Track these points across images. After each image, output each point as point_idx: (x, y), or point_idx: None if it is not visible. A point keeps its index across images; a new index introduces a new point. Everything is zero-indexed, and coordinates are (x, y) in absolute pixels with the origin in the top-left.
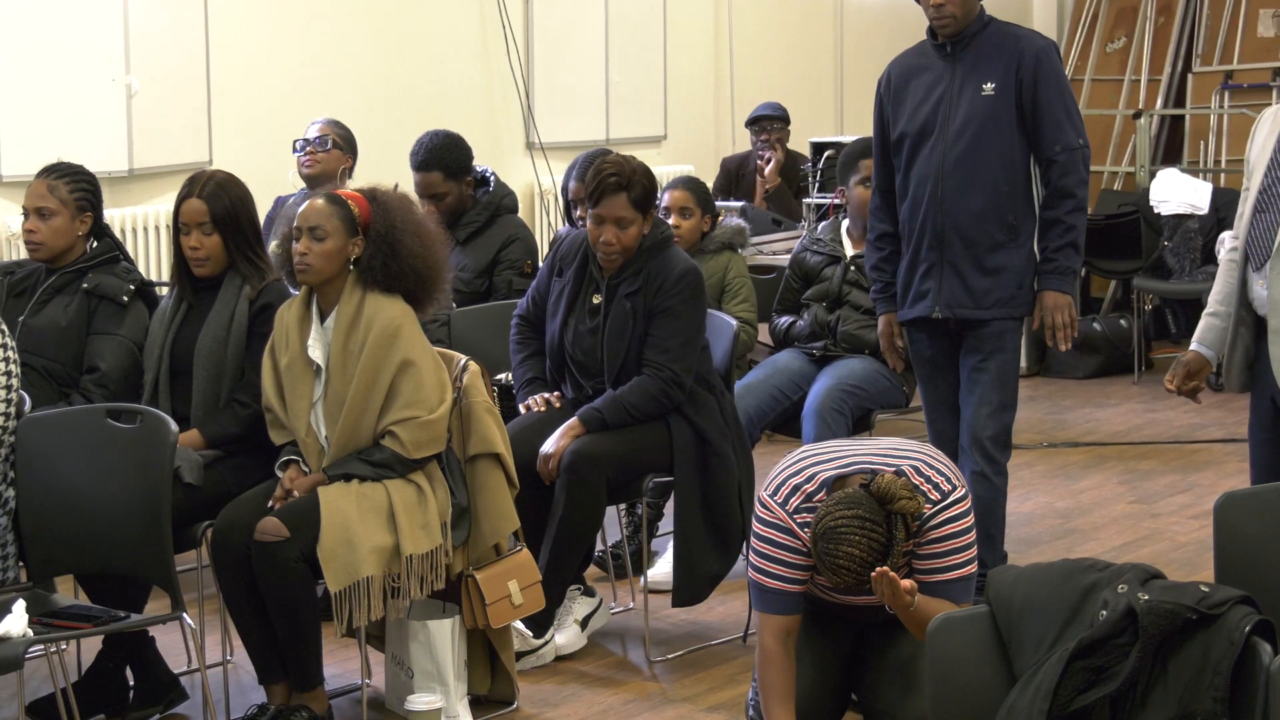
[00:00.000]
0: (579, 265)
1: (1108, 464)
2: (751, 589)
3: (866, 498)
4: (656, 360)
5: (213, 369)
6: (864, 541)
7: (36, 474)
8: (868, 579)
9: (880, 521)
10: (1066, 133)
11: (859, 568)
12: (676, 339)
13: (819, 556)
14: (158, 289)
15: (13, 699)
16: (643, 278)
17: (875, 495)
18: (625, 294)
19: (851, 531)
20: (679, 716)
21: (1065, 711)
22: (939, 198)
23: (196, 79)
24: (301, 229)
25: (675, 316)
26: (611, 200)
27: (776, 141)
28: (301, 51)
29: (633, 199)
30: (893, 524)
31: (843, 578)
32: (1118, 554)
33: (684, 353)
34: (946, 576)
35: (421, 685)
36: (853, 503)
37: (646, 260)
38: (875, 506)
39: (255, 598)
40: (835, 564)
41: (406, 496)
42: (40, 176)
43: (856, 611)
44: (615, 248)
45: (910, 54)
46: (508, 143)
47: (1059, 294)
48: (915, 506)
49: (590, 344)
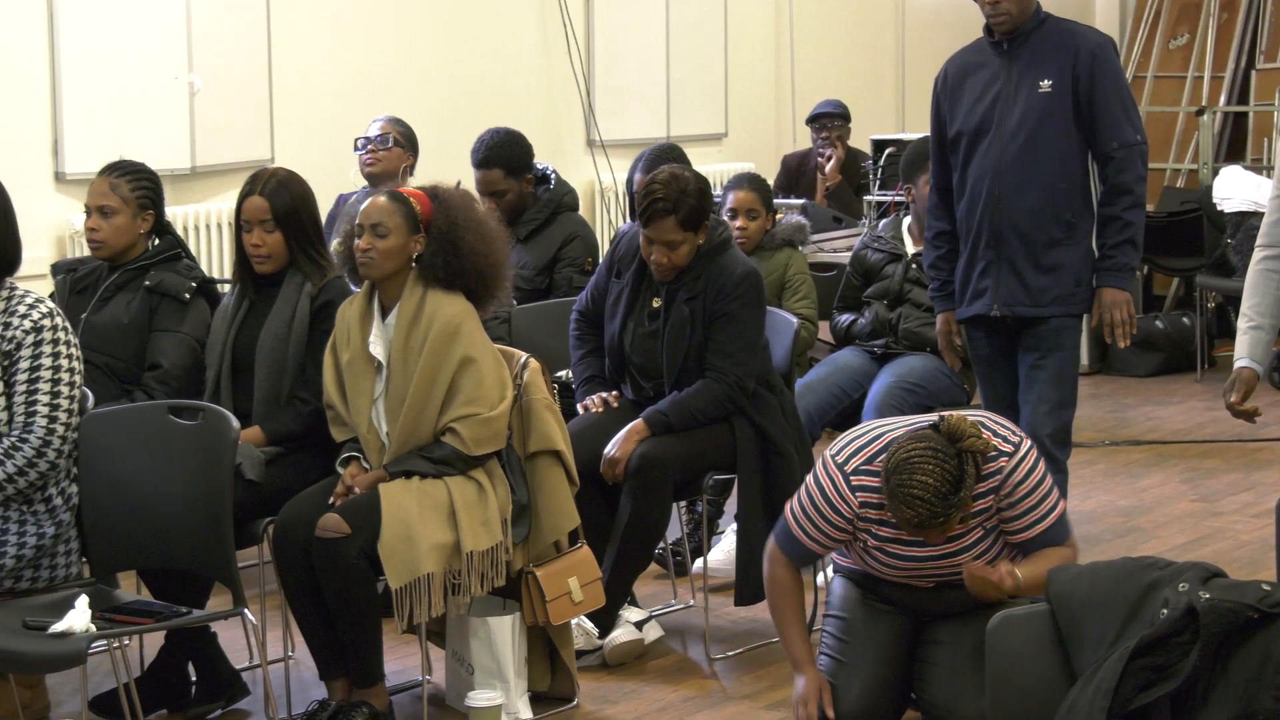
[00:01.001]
0: (637, 268)
1: (1170, 462)
2: (780, 526)
3: (937, 435)
4: (719, 365)
5: (274, 366)
6: (937, 470)
7: (99, 470)
8: (940, 513)
9: (951, 455)
10: (1124, 129)
11: (933, 498)
12: (738, 343)
13: (892, 493)
14: (220, 286)
15: (76, 694)
16: (702, 282)
17: (945, 433)
18: (685, 298)
19: (925, 461)
20: (738, 714)
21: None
22: (996, 195)
23: (259, 76)
24: (364, 226)
25: (736, 320)
26: (660, 224)
27: (837, 139)
28: (363, 49)
29: (680, 220)
30: (963, 460)
31: (916, 510)
32: (1179, 552)
33: (746, 356)
34: (1045, 524)
35: (482, 682)
36: (924, 438)
37: (705, 264)
38: (946, 442)
39: (316, 594)
40: (910, 495)
41: (467, 493)
42: (102, 175)
43: (920, 597)
44: (666, 266)
45: (966, 51)
46: (568, 140)
47: (1117, 290)
48: (984, 445)
49: (650, 347)
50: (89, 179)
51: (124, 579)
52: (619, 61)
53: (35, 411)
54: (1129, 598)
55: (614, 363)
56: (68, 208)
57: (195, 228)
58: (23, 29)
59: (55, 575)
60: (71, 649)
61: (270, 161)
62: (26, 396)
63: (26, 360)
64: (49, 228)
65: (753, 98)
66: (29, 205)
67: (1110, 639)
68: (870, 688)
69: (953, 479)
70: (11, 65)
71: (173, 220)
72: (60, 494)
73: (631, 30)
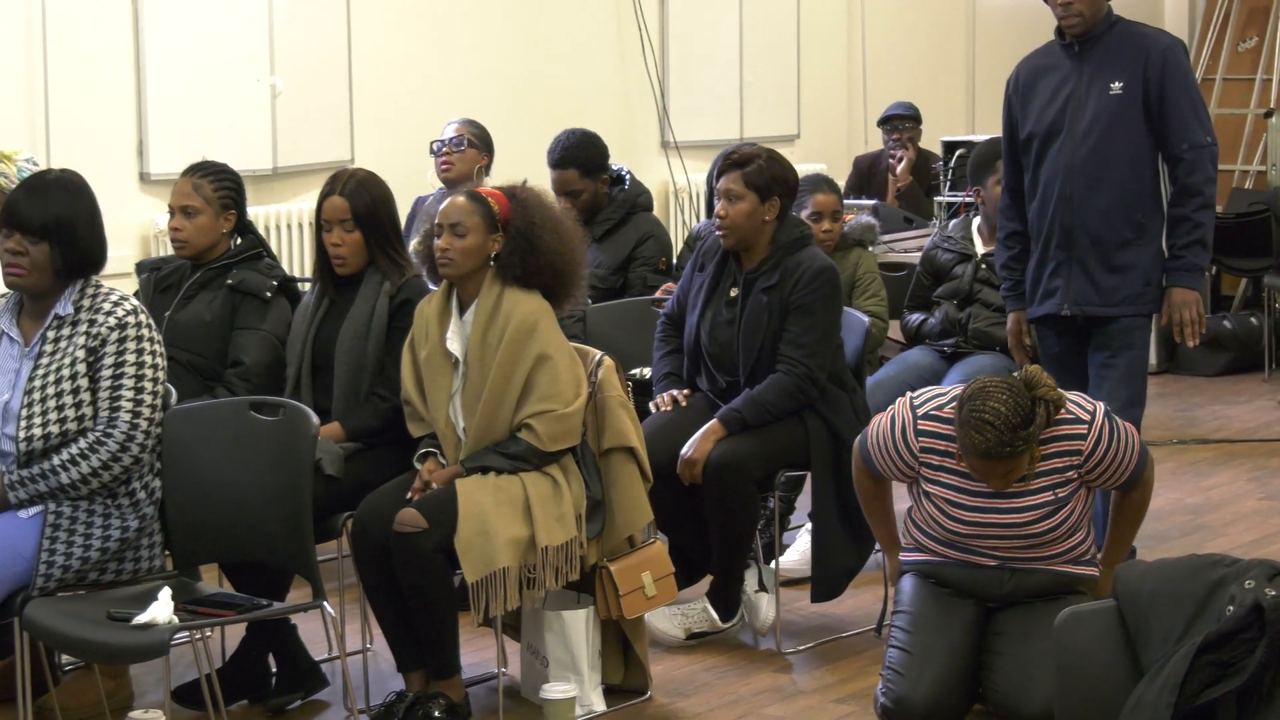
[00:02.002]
0: (719, 259)
1: (1237, 461)
2: (862, 437)
3: (1014, 378)
4: (792, 356)
5: (353, 363)
6: (1010, 401)
7: (182, 465)
8: (1009, 444)
9: (1026, 395)
10: (1194, 130)
11: (1003, 425)
12: (812, 335)
13: (964, 420)
14: (300, 285)
15: (158, 684)
16: (779, 273)
17: (1023, 379)
18: (762, 288)
19: (1000, 391)
20: (808, 707)
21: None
22: (1067, 196)
23: (339, 79)
24: (443, 225)
25: (810, 313)
26: (728, 175)
27: (908, 140)
28: (441, 51)
29: (746, 176)
30: (1037, 404)
31: (985, 434)
32: (1247, 550)
33: (819, 349)
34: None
35: (556, 674)
36: (1002, 377)
37: (784, 256)
38: (1022, 386)
39: (394, 587)
40: (981, 419)
41: (542, 489)
42: (185, 175)
43: (985, 578)
44: (726, 221)
45: (1038, 54)
46: (643, 141)
47: (1186, 290)
48: (1057, 396)
49: (726, 336)
50: (173, 179)
51: (206, 572)
52: (693, 63)
53: (119, 407)
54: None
55: (691, 355)
56: (152, 208)
57: (276, 227)
58: (109, 33)
59: (139, 568)
60: (154, 640)
61: (350, 162)
62: (111, 392)
63: (111, 357)
64: (134, 227)
65: (825, 99)
66: (114, 205)
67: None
68: (940, 678)
69: (1024, 413)
70: (98, 68)
71: (254, 220)
72: (144, 488)
73: (705, 32)
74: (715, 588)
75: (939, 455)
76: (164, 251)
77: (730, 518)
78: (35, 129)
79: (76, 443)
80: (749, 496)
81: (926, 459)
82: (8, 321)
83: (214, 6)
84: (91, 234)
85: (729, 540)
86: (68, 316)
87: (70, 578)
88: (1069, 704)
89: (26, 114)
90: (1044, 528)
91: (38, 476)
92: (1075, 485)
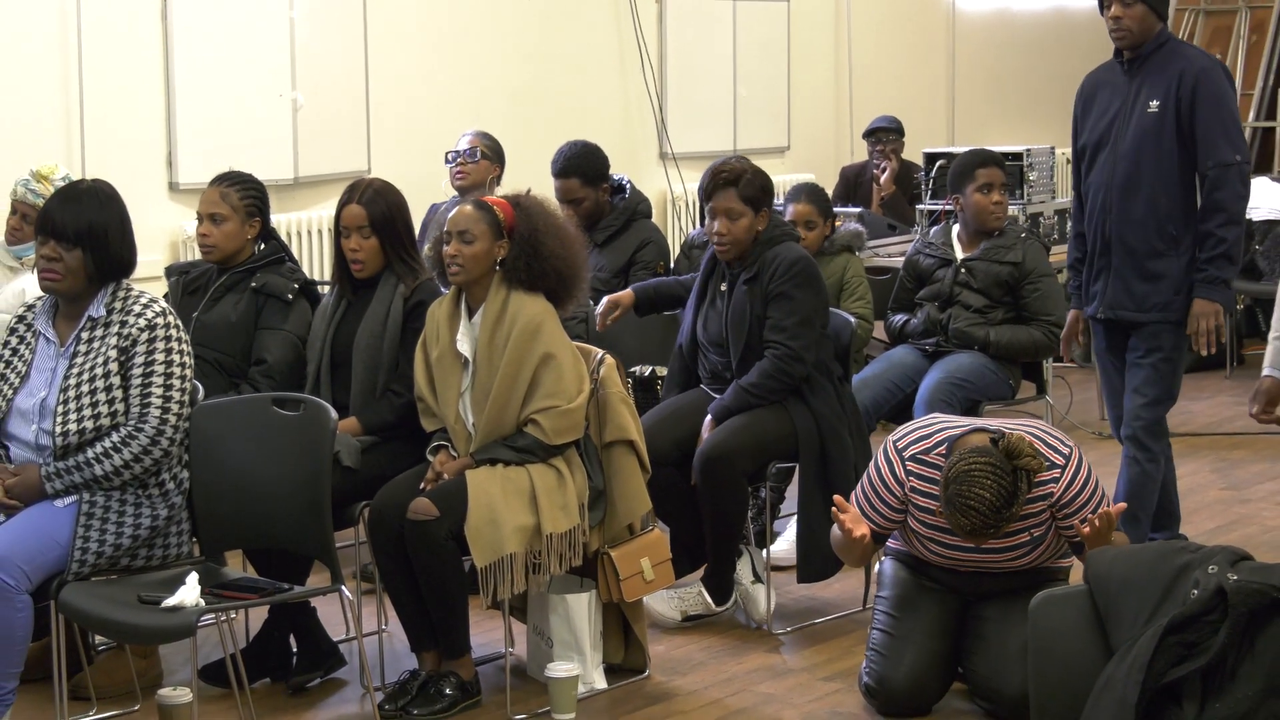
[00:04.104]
0: (709, 261)
1: (1201, 453)
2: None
3: (996, 451)
4: (774, 339)
5: (370, 361)
6: (994, 485)
7: (209, 458)
8: (992, 524)
9: (1008, 472)
10: (1220, 149)
11: (987, 510)
12: (792, 318)
13: (950, 500)
14: (320, 287)
15: (186, 663)
16: (758, 266)
17: (1004, 450)
18: (745, 279)
19: (984, 475)
20: (797, 685)
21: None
22: (1108, 206)
23: (356, 94)
24: (452, 233)
25: (789, 299)
26: (722, 194)
27: (892, 152)
28: (451, 67)
29: (740, 192)
30: (1018, 477)
31: (971, 519)
32: (1209, 537)
33: (800, 331)
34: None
35: (560, 654)
36: (984, 453)
37: (763, 250)
38: (1004, 459)
39: (408, 572)
40: (966, 505)
41: (547, 480)
42: (213, 184)
43: (964, 580)
44: (726, 238)
45: (1102, 68)
46: (642, 153)
47: (1206, 301)
48: (1038, 464)
49: (716, 326)
50: (201, 188)
51: (231, 558)
52: (689, 79)
53: (150, 403)
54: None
55: (689, 347)
56: (181, 215)
57: (298, 233)
58: (140, 51)
59: (168, 554)
60: (182, 622)
61: (367, 172)
62: (141, 389)
63: (141, 356)
64: (163, 233)
65: (813, 113)
66: (145, 212)
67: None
68: (919, 660)
69: (1007, 494)
70: (129, 84)
71: (277, 227)
72: (173, 479)
73: (701, 50)
74: (709, 573)
75: (924, 496)
76: (192, 256)
77: (721, 507)
78: (71, 142)
79: (109, 437)
80: (738, 487)
81: (914, 499)
82: (44, 323)
83: (239, 26)
84: (122, 240)
85: (720, 528)
86: (100, 318)
87: (103, 563)
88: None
89: (63, 128)
90: (1022, 563)
91: (73, 468)
92: (1049, 524)
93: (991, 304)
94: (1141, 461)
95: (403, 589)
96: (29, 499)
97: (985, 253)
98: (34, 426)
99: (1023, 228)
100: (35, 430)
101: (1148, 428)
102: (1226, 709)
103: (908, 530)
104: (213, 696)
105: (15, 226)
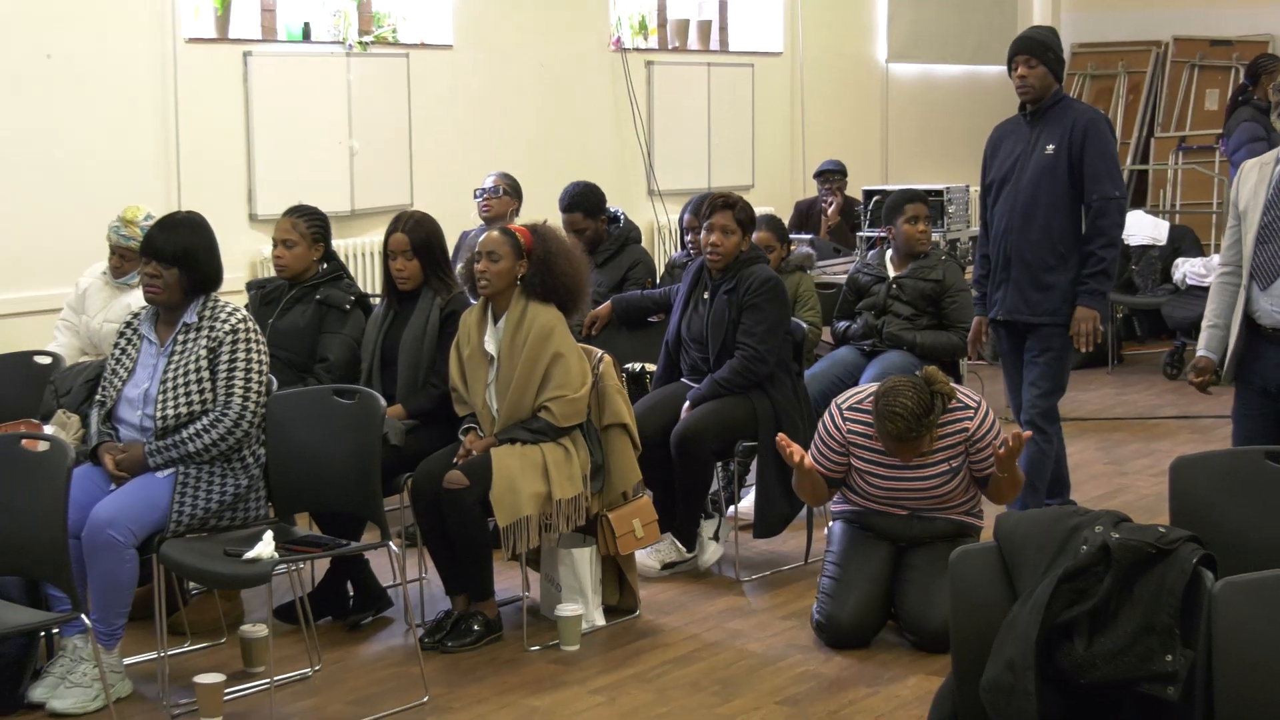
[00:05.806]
0: (694, 274)
1: (1087, 435)
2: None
3: (917, 377)
4: (743, 342)
5: (413, 359)
6: (914, 396)
7: (281, 437)
8: (914, 430)
9: (926, 390)
10: (1104, 184)
11: (909, 415)
12: (760, 326)
13: (880, 411)
14: (372, 299)
15: (263, 605)
16: (736, 280)
17: (923, 376)
18: (724, 290)
19: (906, 389)
20: (761, 623)
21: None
22: (1010, 229)
23: (401, 142)
24: (481, 253)
25: (760, 310)
26: (720, 213)
27: (837, 189)
28: (480, 120)
29: (735, 215)
30: (935, 396)
31: (896, 424)
32: (1095, 503)
33: (766, 336)
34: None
35: (567, 597)
36: (908, 377)
37: (741, 267)
38: (923, 382)
39: (443, 530)
40: (891, 411)
41: (557, 455)
42: (285, 215)
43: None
44: (720, 249)
45: (1008, 120)
46: (634, 189)
47: (1087, 309)
48: (950, 390)
49: (699, 327)
50: (275, 219)
51: (299, 519)
52: (672, 129)
53: (233, 393)
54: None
55: (673, 344)
56: (259, 240)
57: (354, 256)
58: (225, 106)
59: (248, 516)
60: (260, 571)
61: (410, 205)
62: (226, 382)
63: (226, 355)
64: (244, 255)
65: (773, 157)
66: (230, 238)
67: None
68: (861, 601)
69: (925, 405)
70: (217, 133)
71: (337, 250)
72: (252, 454)
73: (682, 106)
74: (678, 527)
75: (861, 436)
76: (268, 274)
77: (691, 476)
78: (169, 180)
79: (200, 420)
80: (706, 461)
81: (852, 439)
82: (148, 328)
83: (306, 86)
84: (211, 260)
85: (689, 492)
86: (193, 324)
87: (195, 523)
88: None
89: (162, 168)
90: (944, 490)
91: (171, 446)
92: (964, 457)
93: (918, 313)
94: (1039, 442)
95: (438, 544)
96: (135, 471)
97: (913, 271)
98: (139, 412)
99: (943, 251)
100: (140, 415)
101: (1043, 414)
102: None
103: (853, 474)
104: (285, 631)
105: (116, 265)
